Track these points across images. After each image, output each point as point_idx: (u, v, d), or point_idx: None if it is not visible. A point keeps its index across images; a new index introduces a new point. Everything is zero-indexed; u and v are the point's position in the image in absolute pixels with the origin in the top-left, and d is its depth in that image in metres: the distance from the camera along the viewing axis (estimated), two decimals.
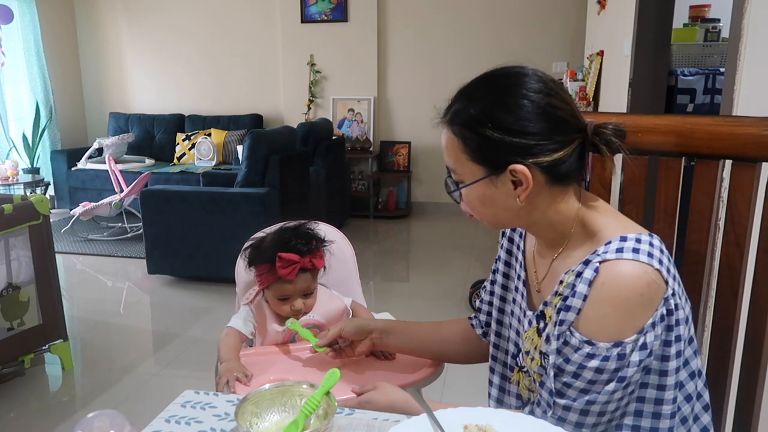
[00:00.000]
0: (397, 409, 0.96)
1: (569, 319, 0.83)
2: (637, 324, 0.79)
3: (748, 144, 0.98)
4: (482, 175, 0.86)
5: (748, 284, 1.02)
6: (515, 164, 0.83)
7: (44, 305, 2.51)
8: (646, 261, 0.80)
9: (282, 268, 1.25)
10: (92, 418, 0.71)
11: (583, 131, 0.86)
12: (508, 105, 0.83)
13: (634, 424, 0.85)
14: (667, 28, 3.23)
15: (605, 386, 0.81)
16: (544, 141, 0.83)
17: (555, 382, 0.85)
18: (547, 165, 0.84)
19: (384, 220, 5.56)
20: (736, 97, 1.76)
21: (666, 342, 0.82)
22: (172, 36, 6.05)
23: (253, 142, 3.67)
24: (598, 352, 0.80)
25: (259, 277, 1.31)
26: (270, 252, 1.28)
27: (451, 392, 2.32)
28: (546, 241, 0.94)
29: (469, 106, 0.86)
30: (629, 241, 0.82)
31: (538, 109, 0.83)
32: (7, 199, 2.54)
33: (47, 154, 5.78)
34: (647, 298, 0.79)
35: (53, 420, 2.28)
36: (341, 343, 1.21)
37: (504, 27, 5.31)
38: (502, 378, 1.06)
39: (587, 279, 0.81)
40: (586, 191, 0.94)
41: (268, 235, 1.35)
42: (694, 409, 0.90)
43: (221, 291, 3.59)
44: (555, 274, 0.92)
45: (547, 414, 0.86)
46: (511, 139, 0.83)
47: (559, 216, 0.90)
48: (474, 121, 0.85)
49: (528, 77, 0.85)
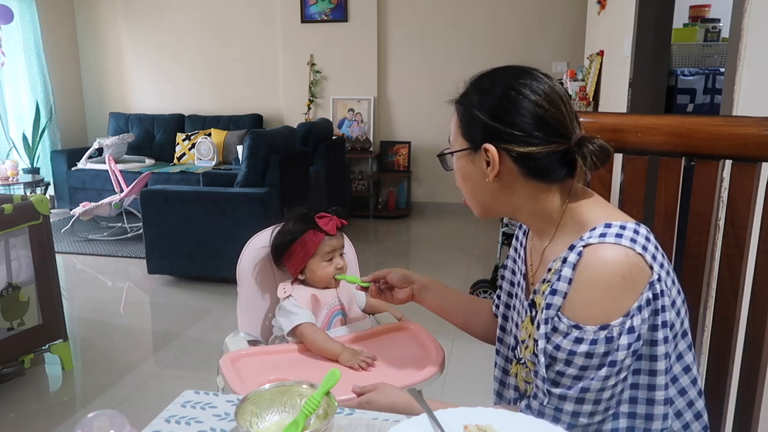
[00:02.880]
0: (397, 409, 0.97)
1: (556, 303, 0.85)
2: (621, 307, 0.81)
3: (748, 144, 0.99)
4: (464, 147, 0.95)
5: (748, 284, 1.03)
6: (488, 144, 0.90)
7: (44, 305, 2.51)
8: (628, 245, 0.82)
9: (325, 225, 1.37)
10: (92, 418, 0.71)
11: (567, 138, 0.88)
12: (503, 95, 0.89)
13: (630, 411, 0.87)
14: (667, 28, 3.23)
15: (597, 371, 0.82)
16: (520, 133, 0.88)
17: (548, 372, 0.86)
18: (517, 155, 0.88)
19: (384, 220, 5.56)
20: (736, 97, 1.76)
21: (653, 326, 0.84)
22: (173, 36, 6.05)
23: (253, 142, 3.67)
24: (586, 336, 0.82)
25: (302, 249, 1.37)
26: (300, 226, 1.38)
27: (451, 392, 2.32)
28: (535, 229, 0.98)
29: (473, 89, 0.95)
30: (613, 227, 0.85)
31: (529, 105, 0.88)
32: (7, 199, 2.54)
33: (47, 154, 5.78)
34: (630, 280, 0.81)
35: (53, 420, 2.28)
36: (381, 286, 1.27)
37: (504, 27, 5.31)
38: (503, 371, 1.08)
39: (571, 263, 0.84)
40: (583, 187, 0.96)
41: (285, 223, 1.42)
42: (691, 402, 0.91)
43: (221, 291, 3.59)
44: (545, 263, 0.94)
45: (544, 404, 0.87)
46: (491, 123, 0.90)
47: (541, 207, 0.93)
48: (470, 102, 0.94)
49: (535, 79, 0.90)
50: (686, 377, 0.90)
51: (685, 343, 0.90)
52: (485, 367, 1.08)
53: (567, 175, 0.91)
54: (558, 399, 0.86)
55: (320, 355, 1.24)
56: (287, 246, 1.38)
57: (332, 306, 1.39)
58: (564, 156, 0.89)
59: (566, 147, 0.88)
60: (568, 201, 0.92)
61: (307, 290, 1.38)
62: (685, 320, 0.90)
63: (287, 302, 1.35)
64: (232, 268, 1.45)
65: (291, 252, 1.38)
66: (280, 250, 1.40)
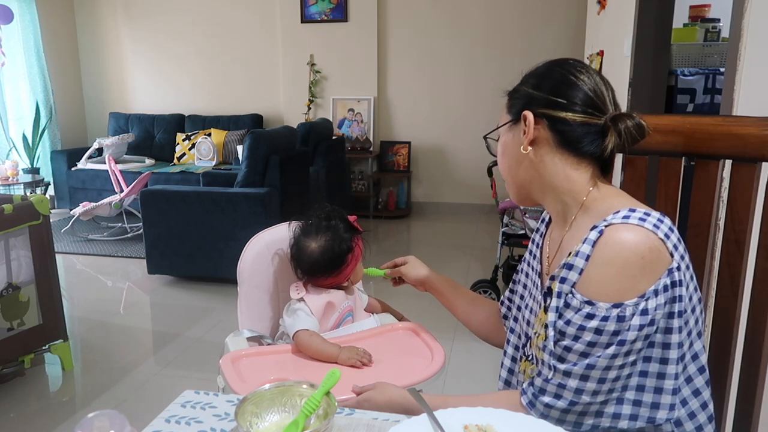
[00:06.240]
0: (397, 409, 0.97)
1: (571, 279, 0.86)
2: (638, 288, 0.81)
3: (748, 144, 0.99)
4: (506, 121, 0.99)
5: (748, 284, 1.02)
6: (526, 111, 0.93)
7: (44, 305, 2.51)
8: (651, 229, 0.82)
9: (359, 242, 1.38)
10: (92, 418, 0.71)
11: (603, 114, 0.90)
12: (553, 75, 0.94)
13: (636, 399, 0.87)
14: (667, 28, 3.23)
15: (605, 349, 0.82)
16: (559, 99, 0.91)
17: (556, 347, 0.87)
18: (553, 120, 0.91)
19: (384, 220, 5.56)
20: (736, 97, 1.77)
21: (669, 314, 0.84)
22: (173, 36, 6.05)
23: (253, 142, 3.67)
24: (598, 312, 0.82)
25: (353, 256, 1.36)
26: (347, 233, 1.36)
27: (451, 392, 2.30)
28: (558, 216, 0.98)
29: (527, 76, 0.99)
30: (637, 212, 0.85)
31: (573, 79, 0.92)
32: (7, 199, 2.54)
33: (47, 154, 5.78)
34: (648, 261, 0.81)
35: (53, 420, 2.28)
36: (394, 273, 1.36)
37: (504, 27, 5.31)
38: (512, 360, 1.08)
39: (591, 240, 0.84)
40: (608, 182, 0.96)
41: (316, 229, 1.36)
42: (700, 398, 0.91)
43: (221, 291, 3.59)
44: (564, 250, 0.94)
45: (548, 380, 0.87)
46: (534, 91, 0.94)
47: (569, 187, 0.94)
48: (520, 84, 0.99)
49: (580, 62, 0.96)
50: (693, 365, 0.90)
51: (701, 343, 0.90)
52: (485, 367, 1.08)
53: (596, 153, 0.91)
54: (562, 375, 0.86)
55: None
56: (345, 255, 1.34)
57: (344, 307, 1.39)
58: (597, 132, 0.90)
59: (602, 122, 0.90)
60: (595, 187, 0.93)
61: (323, 296, 1.35)
62: (700, 321, 0.90)
63: (298, 305, 1.33)
64: (233, 268, 1.45)
65: (346, 260, 1.35)
66: (339, 262, 1.34)
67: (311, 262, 1.34)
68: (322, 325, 1.33)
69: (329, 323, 1.36)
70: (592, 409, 0.87)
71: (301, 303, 1.33)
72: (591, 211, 0.91)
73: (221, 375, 1.19)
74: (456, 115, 5.52)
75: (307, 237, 1.35)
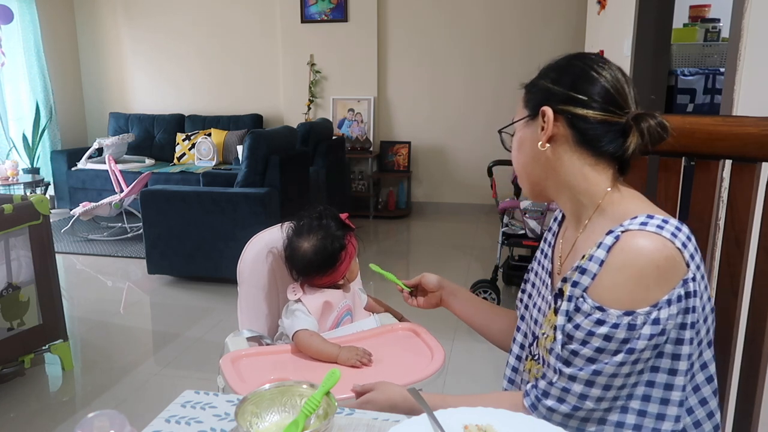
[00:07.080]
0: (397, 409, 0.96)
1: (583, 283, 0.84)
2: (651, 297, 0.80)
3: (748, 144, 0.98)
4: (523, 116, 0.96)
5: (748, 284, 1.02)
6: (545, 107, 0.90)
7: (44, 305, 2.51)
8: (669, 237, 0.81)
9: (347, 221, 1.37)
10: (92, 418, 0.71)
11: (624, 113, 0.88)
12: (573, 70, 0.91)
13: (641, 408, 0.85)
14: (667, 28, 3.24)
15: (613, 357, 0.81)
16: (580, 96, 0.88)
17: (563, 350, 0.85)
18: (573, 117, 0.89)
19: (384, 220, 5.56)
20: (736, 97, 1.77)
21: (681, 325, 0.82)
22: (173, 36, 6.05)
23: (253, 142, 3.67)
24: (609, 318, 0.81)
25: (347, 253, 1.35)
26: (338, 230, 1.35)
27: (451, 392, 2.30)
28: (572, 216, 0.96)
29: (546, 69, 0.96)
30: (655, 219, 0.83)
31: (594, 74, 0.89)
32: (7, 199, 2.54)
33: (47, 154, 5.78)
34: (663, 271, 0.80)
35: (53, 420, 2.27)
36: (410, 289, 1.31)
37: (504, 27, 5.31)
38: (517, 359, 1.07)
39: (606, 245, 0.83)
40: (626, 184, 0.94)
41: (308, 229, 1.35)
42: (708, 406, 0.90)
43: (221, 291, 3.59)
44: (577, 252, 0.92)
45: (552, 383, 0.86)
46: (554, 86, 0.91)
47: (585, 186, 0.91)
48: (538, 76, 0.96)
49: (602, 58, 0.93)
50: (702, 374, 0.88)
51: (711, 353, 0.89)
52: (485, 367, 1.08)
53: (616, 153, 0.89)
54: (567, 379, 0.85)
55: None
56: (338, 253, 1.34)
57: (342, 307, 1.39)
58: (618, 131, 0.88)
59: (623, 121, 0.87)
60: (613, 188, 0.91)
61: (319, 296, 1.35)
62: (711, 331, 0.88)
63: (296, 306, 1.33)
64: (233, 268, 1.45)
65: (340, 258, 1.35)
66: (332, 260, 1.33)
67: (305, 262, 1.34)
68: (320, 324, 1.33)
69: (327, 323, 1.36)
70: (595, 416, 0.86)
71: (299, 304, 1.33)
72: (607, 213, 0.89)
73: (221, 375, 1.19)
74: (456, 115, 5.52)
75: (299, 237, 1.35)
